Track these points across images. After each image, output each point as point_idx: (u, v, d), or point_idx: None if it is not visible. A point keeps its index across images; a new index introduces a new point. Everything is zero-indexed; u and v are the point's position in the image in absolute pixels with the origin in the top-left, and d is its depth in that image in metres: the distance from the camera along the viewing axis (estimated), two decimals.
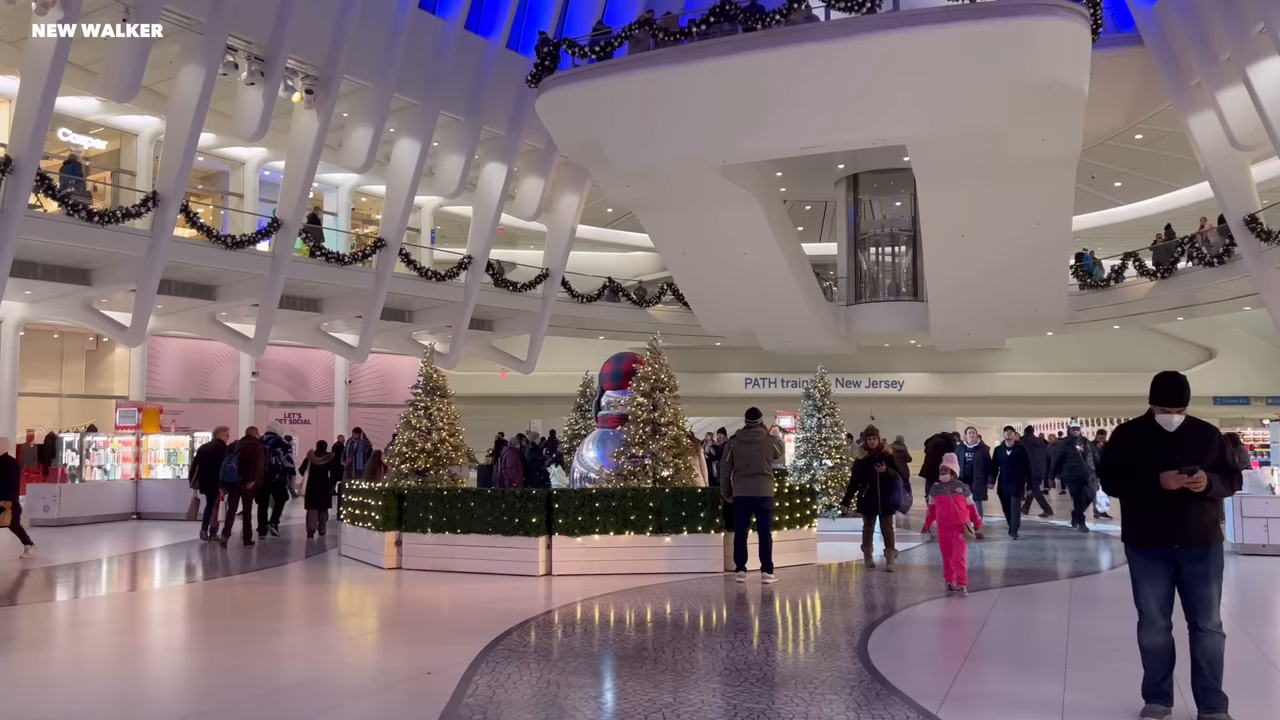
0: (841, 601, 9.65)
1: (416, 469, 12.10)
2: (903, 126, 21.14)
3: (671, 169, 23.31)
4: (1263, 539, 12.95)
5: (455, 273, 26.42)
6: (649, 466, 11.47)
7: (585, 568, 10.90)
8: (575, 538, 10.93)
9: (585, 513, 10.89)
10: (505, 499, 10.97)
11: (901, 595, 9.88)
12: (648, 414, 11.63)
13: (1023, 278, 26.06)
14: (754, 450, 10.82)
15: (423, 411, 12.41)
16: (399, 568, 11.57)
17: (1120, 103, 25.22)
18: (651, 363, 11.91)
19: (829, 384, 16.54)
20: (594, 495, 10.99)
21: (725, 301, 28.89)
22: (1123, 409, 37.85)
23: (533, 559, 10.85)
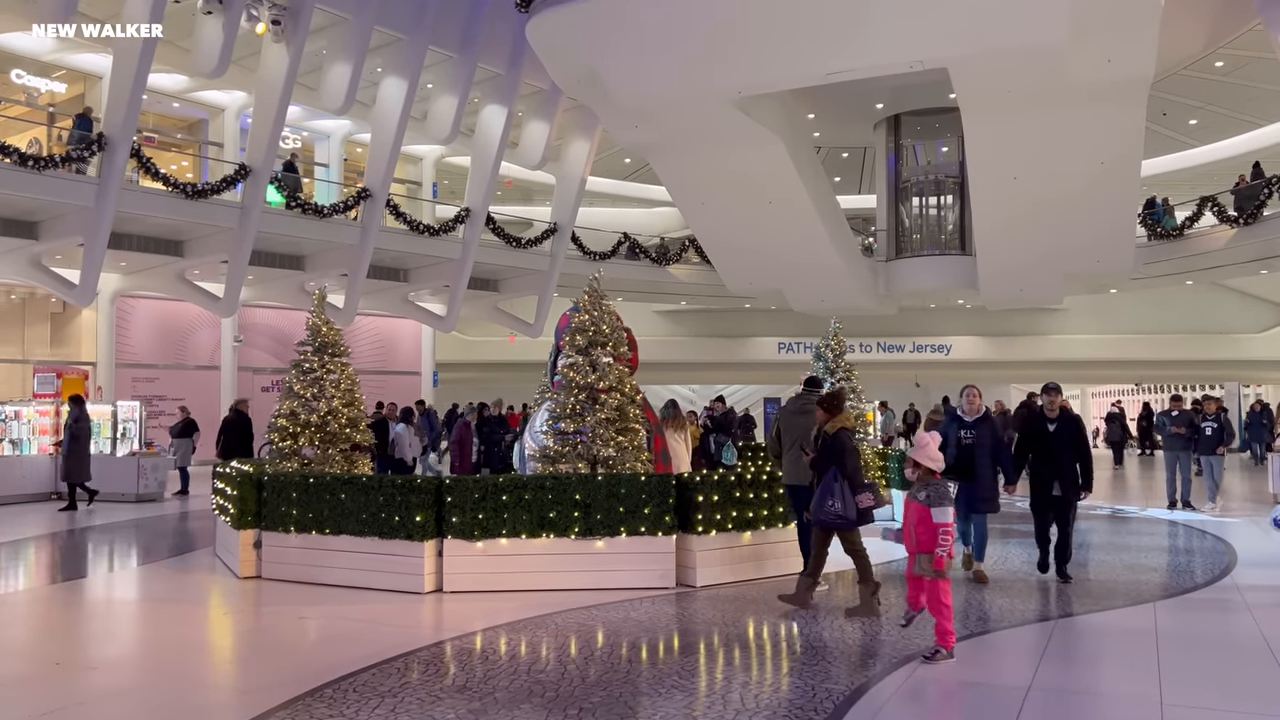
0: (831, 647, 6.54)
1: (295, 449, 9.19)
2: (944, 45, 17.62)
3: (682, 104, 20.06)
4: None
5: (452, 227, 23.51)
6: (583, 447, 8.42)
7: (487, 583, 7.92)
8: (474, 542, 7.93)
9: (487, 508, 7.88)
10: (384, 489, 8.00)
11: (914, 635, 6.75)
12: (584, 377, 8.56)
13: (1084, 226, 22.37)
14: (805, 426, 8.02)
15: (309, 376, 9.48)
16: (258, 576, 8.69)
17: (1199, 23, 21.27)
18: (588, 310, 8.83)
19: (843, 342, 13.25)
20: (500, 485, 7.96)
21: (750, 257, 25.60)
22: (1191, 374, 33.94)
23: (416, 570, 7.88)
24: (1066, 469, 8.46)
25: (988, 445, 8.58)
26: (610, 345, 8.76)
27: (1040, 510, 8.65)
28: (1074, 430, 8.55)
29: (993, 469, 8.61)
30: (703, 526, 8.16)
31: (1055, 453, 8.48)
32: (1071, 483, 8.46)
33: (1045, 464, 8.49)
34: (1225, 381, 32.52)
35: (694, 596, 7.93)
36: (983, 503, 8.60)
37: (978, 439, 8.59)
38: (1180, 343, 31.30)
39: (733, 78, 19.01)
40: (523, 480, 8.04)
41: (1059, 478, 8.42)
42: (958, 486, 8.21)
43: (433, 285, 24.69)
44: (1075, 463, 8.50)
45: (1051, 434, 8.48)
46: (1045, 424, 8.56)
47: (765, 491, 8.61)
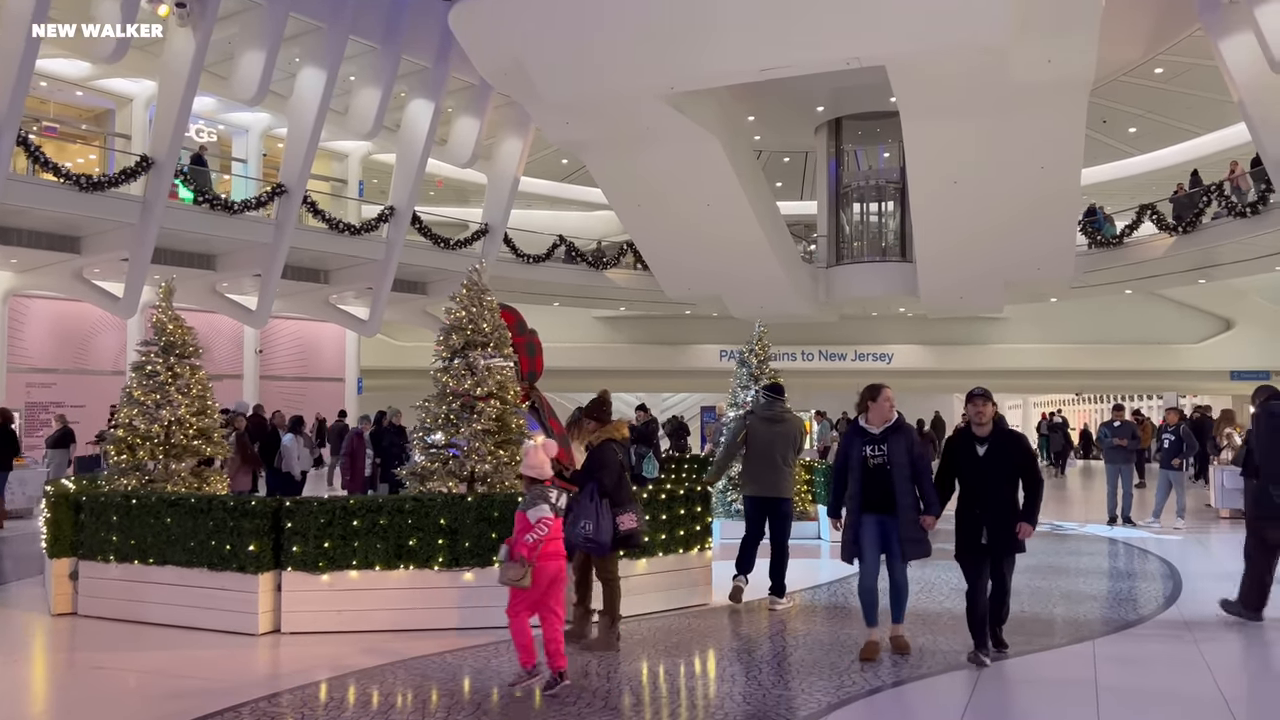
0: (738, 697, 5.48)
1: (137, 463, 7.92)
2: (882, 43, 16.79)
3: (613, 99, 19.03)
4: None
5: (375, 226, 22.20)
6: (455, 463, 7.28)
7: (333, 623, 6.73)
8: (318, 574, 6.75)
9: (334, 535, 6.71)
10: (214, 512, 6.78)
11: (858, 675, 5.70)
12: (458, 383, 7.42)
13: (1024, 233, 21.71)
14: (777, 434, 8.00)
15: (153, 380, 8.22)
16: (72, 613, 7.41)
17: (1139, 28, 20.73)
18: (467, 305, 7.70)
19: (768, 347, 12.28)
20: (350, 509, 6.79)
21: (688, 262, 24.63)
22: (1129, 385, 33.57)
23: (248, 608, 6.67)
24: (1001, 507, 6.03)
25: (905, 463, 6.18)
26: (491, 346, 7.63)
27: (970, 563, 6.14)
28: (1014, 453, 6.07)
29: (915, 496, 6.20)
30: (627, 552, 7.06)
31: (986, 485, 6.03)
32: (1006, 525, 6.00)
33: (973, 500, 6.08)
34: (1164, 392, 32.20)
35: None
36: (908, 545, 6.17)
37: (891, 456, 6.19)
38: (1120, 353, 30.89)
39: (664, 72, 18.01)
40: (377, 503, 6.87)
41: (990, 520, 6.00)
42: (871, 523, 6.16)
43: (356, 287, 23.35)
44: (1014, 497, 6.12)
45: (981, 458, 6.06)
46: (973, 444, 6.13)
47: (664, 512, 7.53)
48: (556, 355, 31.09)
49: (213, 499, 6.86)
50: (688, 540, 7.71)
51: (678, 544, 7.60)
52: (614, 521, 6.26)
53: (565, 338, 31.49)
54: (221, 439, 8.46)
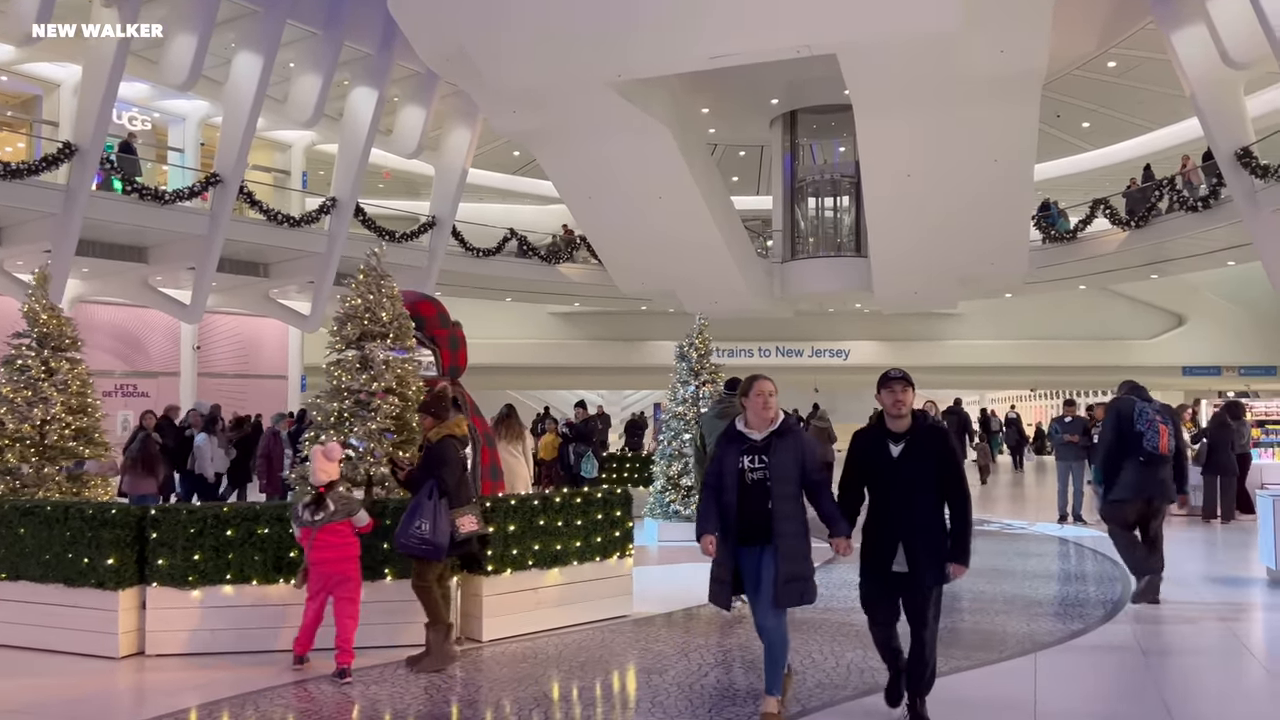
0: None
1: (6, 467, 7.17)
2: (834, 30, 16.29)
3: (560, 87, 18.35)
4: None
5: (316, 218, 21.37)
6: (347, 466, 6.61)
7: (204, 643, 6.05)
8: (188, 590, 6.06)
9: (206, 546, 6.02)
10: (71, 521, 6.07)
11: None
12: (351, 377, 6.75)
13: (977, 227, 21.33)
14: None
15: (24, 375, 7.47)
16: None
17: (1092, 20, 20.41)
18: (363, 291, 7.03)
19: (708, 341, 11.70)
20: (223, 518, 6.11)
21: (641, 256, 24.00)
22: (1084, 380, 33.41)
23: (108, 628, 5.96)
24: (920, 524, 4.58)
25: (791, 477, 4.67)
26: (392, 337, 6.97)
27: (873, 601, 4.79)
28: (937, 452, 4.64)
29: (800, 521, 4.69)
30: (494, 564, 6.42)
31: (902, 495, 4.61)
32: (927, 549, 4.57)
33: (883, 515, 4.67)
34: (1116, 388, 32.05)
35: (478, 656, 6.19)
36: (785, 587, 4.57)
37: (773, 469, 4.66)
38: (1074, 348, 30.74)
39: (611, 59, 17.38)
40: (254, 510, 6.19)
41: (906, 541, 4.58)
42: (752, 557, 4.70)
43: (297, 281, 22.49)
44: (938, 512, 4.64)
45: (896, 460, 4.63)
46: (885, 442, 4.68)
47: (579, 517, 6.91)
48: (511, 352, 30.63)
49: (69, 506, 6.13)
50: (605, 547, 7.09)
51: (594, 551, 6.97)
52: (452, 524, 5.66)
53: (520, 334, 30.83)
54: (103, 440, 7.69)
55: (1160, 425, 7.69)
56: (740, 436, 4.81)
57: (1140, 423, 7.73)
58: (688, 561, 9.76)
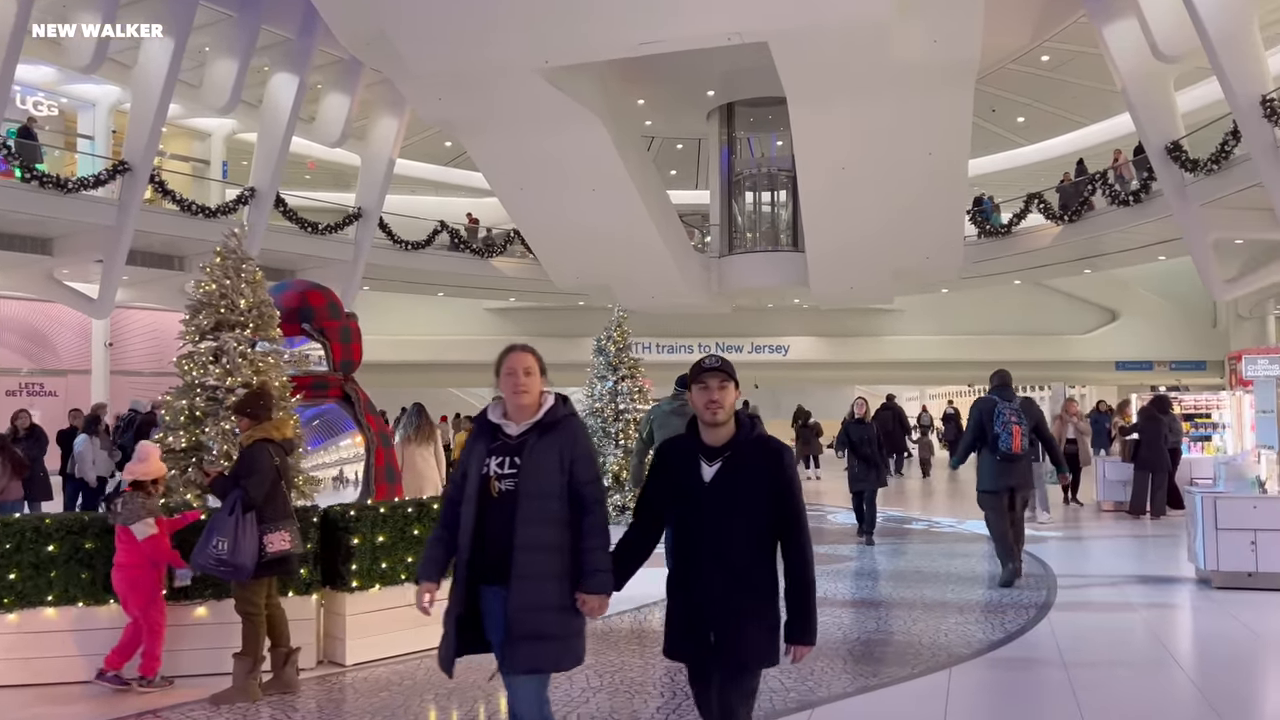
0: None
1: None
2: (764, 17, 15.78)
3: (487, 74, 17.61)
4: (1248, 564, 7.89)
5: (234, 209, 20.38)
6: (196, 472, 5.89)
7: (20, 674, 5.26)
8: (4, 614, 5.28)
9: (25, 564, 5.22)
10: None
11: None
12: (204, 370, 6.02)
13: (913, 221, 21.01)
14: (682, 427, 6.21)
15: None
16: None
17: (1025, 13, 20.16)
18: (219, 276, 6.30)
19: (627, 334, 11.13)
20: (46, 529, 5.30)
21: (576, 250, 23.34)
22: (1020, 375, 33.42)
23: None
24: (737, 580, 3.20)
25: (550, 491, 3.32)
26: (252, 328, 6.25)
27: (692, 681, 3.40)
28: (768, 475, 3.24)
29: (561, 552, 3.30)
30: (360, 580, 5.73)
31: (711, 537, 3.21)
32: (748, 618, 3.20)
33: (689, 565, 3.27)
34: (1052, 382, 32.16)
35: (338, 682, 5.50)
36: (519, 648, 3.25)
37: (524, 478, 3.32)
38: (1011, 343, 30.61)
39: (538, 45, 16.71)
40: (82, 522, 5.42)
41: (714, 602, 3.20)
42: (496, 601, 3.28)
43: None
44: (765, 563, 3.24)
45: (708, 486, 3.23)
46: (696, 460, 3.28)
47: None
48: (446, 348, 29.71)
49: None
50: None
51: None
52: (260, 541, 4.97)
53: (454, 330, 29.99)
54: None
55: (1014, 426, 8.14)
56: (490, 430, 3.41)
57: (997, 424, 8.16)
58: None
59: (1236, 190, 16.64)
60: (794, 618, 3.23)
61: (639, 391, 11.01)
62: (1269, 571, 7.75)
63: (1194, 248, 18.52)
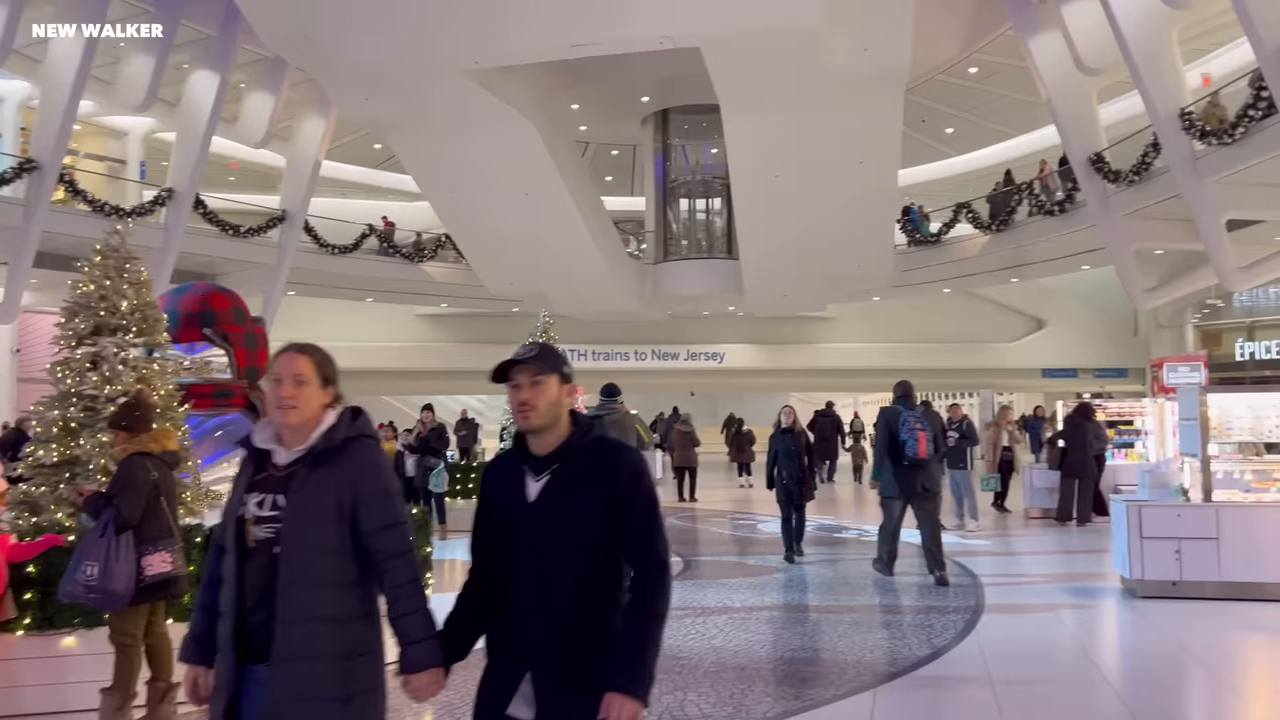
0: None
1: None
2: (695, 21, 15.59)
3: (415, 74, 17.13)
4: (1172, 573, 7.83)
5: (150, 210, 19.55)
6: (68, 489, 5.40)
7: None
8: None
9: None
10: None
11: None
12: (80, 378, 5.54)
13: (844, 229, 21.01)
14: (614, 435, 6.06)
15: None
16: None
17: (953, 25, 20.32)
18: (99, 277, 5.81)
19: (552, 338, 10.79)
20: None
21: (508, 255, 22.90)
22: (950, 383, 33.85)
23: None
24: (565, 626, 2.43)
25: (328, 544, 2.49)
26: (135, 332, 5.77)
27: None
28: (606, 486, 2.48)
29: (335, 622, 2.48)
30: None
31: (533, 573, 2.46)
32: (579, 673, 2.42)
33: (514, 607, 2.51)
34: (981, 389, 32.58)
35: None
36: None
37: (290, 521, 2.49)
38: (941, 351, 30.99)
39: (467, 45, 16.29)
40: None
41: (535, 658, 2.45)
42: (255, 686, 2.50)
43: None
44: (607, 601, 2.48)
45: (531, 507, 2.51)
46: (519, 475, 2.55)
47: None
48: (375, 355, 29.02)
49: None
50: None
51: None
52: (138, 564, 4.52)
53: (385, 336, 29.32)
54: None
55: (920, 433, 8.42)
56: (256, 458, 2.59)
57: (904, 431, 8.44)
58: None
59: (1156, 201, 16.90)
60: (619, 660, 2.38)
61: None
62: (1192, 580, 7.70)
63: (1116, 257, 18.79)
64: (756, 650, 6.27)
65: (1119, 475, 13.07)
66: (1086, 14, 16.71)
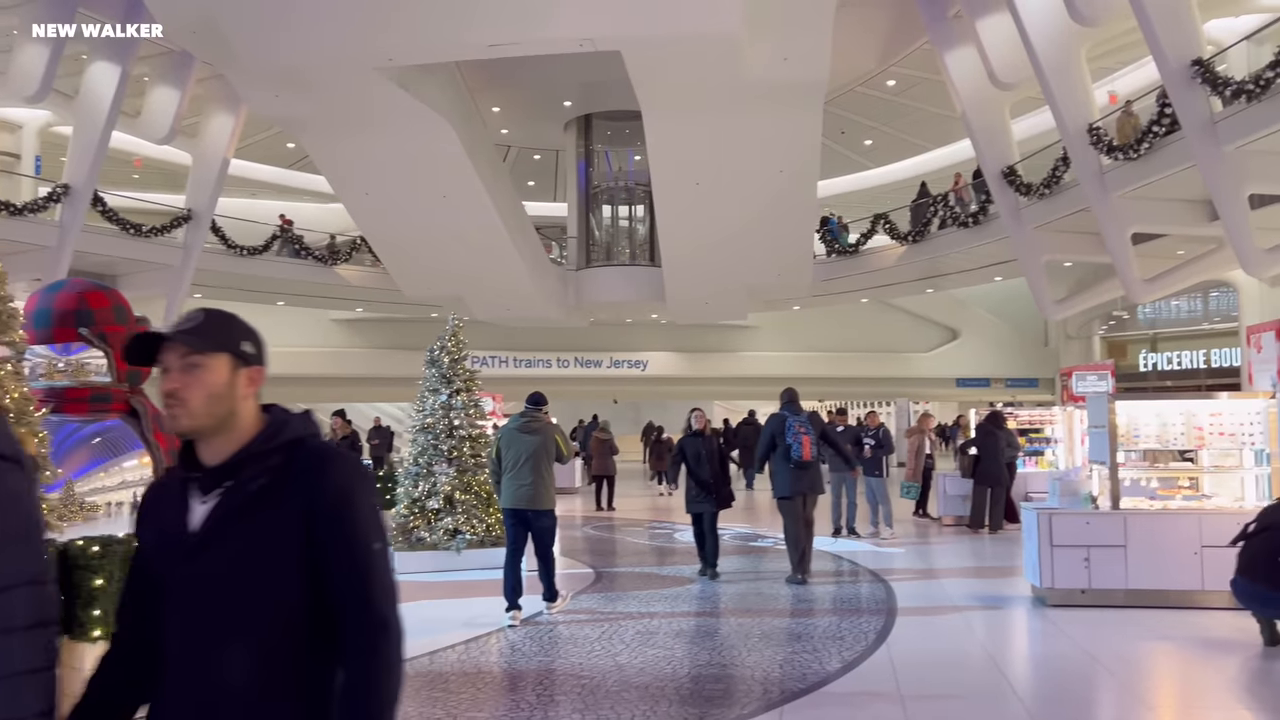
0: None
1: None
2: (615, 23, 15.33)
3: (327, 70, 16.49)
4: (1081, 581, 7.79)
5: (44, 206, 18.52)
6: None
7: None
8: None
9: None
10: None
11: None
12: None
13: (765, 238, 21.03)
14: (532, 444, 7.50)
15: None
16: None
17: (872, 38, 20.53)
18: None
19: (463, 343, 10.40)
20: None
21: (426, 258, 22.34)
22: (868, 391, 34.26)
23: None
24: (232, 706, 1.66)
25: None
26: None
27: None
28: (303, 507, 1.70)
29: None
30: (104, 628, 4.81)
31: (191, 634, 1.72)
32: None
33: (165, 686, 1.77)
34: (897, 398, 33.00)
35: None
36: None
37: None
38: (859, 360, 31.30)
39: (380, 41, 15.75)
40: None
41: None
42: None
43: (23, 278, 19.40)
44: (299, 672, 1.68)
45: (194, 539, 1.74)
46: (183, 497, 1.80)
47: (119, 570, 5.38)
48: (287, 361, 28.03)
49: None
50: None
51: None
52: None
53: (297, 341, 28.37)
54: None
55: (804, 437, 8.86)
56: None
57: (789, 435, 8.87)
58: (424, 598, 8.36)
59: (1066, 214, 17.20)
60: None
61: (475, 406, 10.26)
62: (1101, 589, 7.67)
63: (1027, 269, 19.09)
64: (663, 667, 5.98)
65: (1030, 483, 13.17)
66: (1000, 29, 16.96)
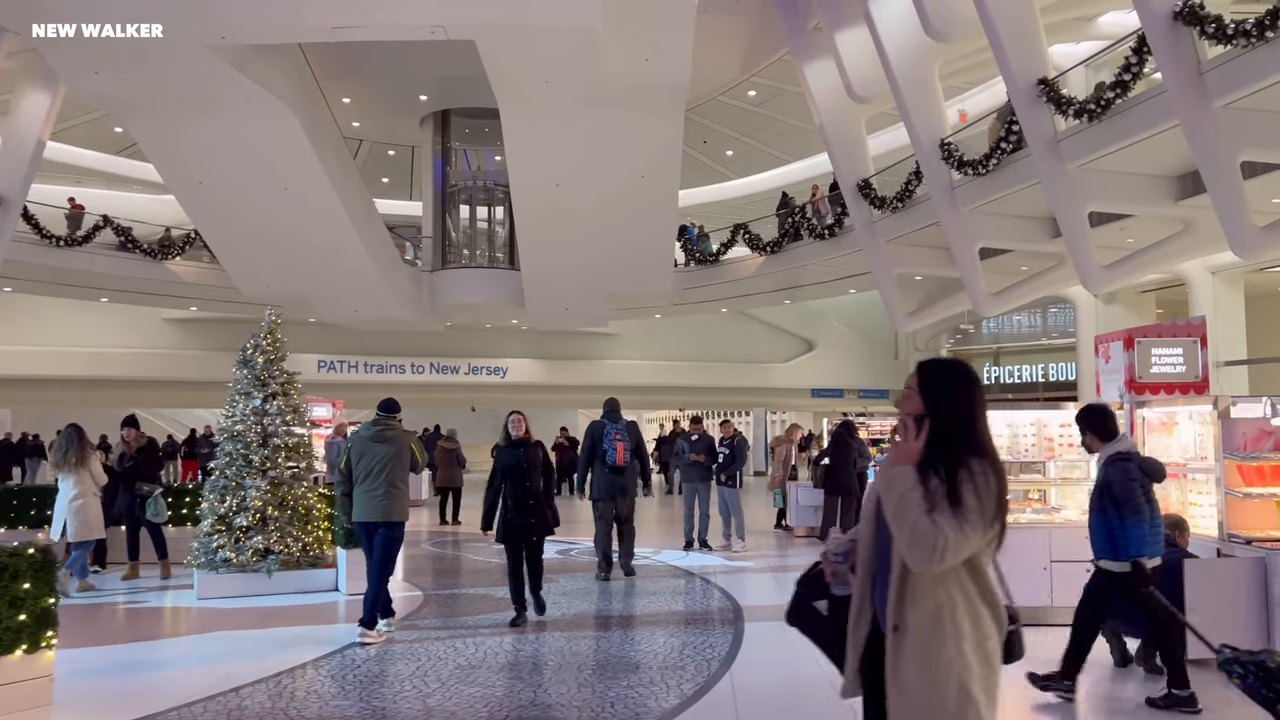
0: None
1: None
2: (468, 10, 14.52)
3: (152, 48, 14.99)
4: (1043, 597, 7.37)
5: None
6: None
7: None
8: None
9: None
10: None
11: None
12: None
13: (625, 244, 20.57)
14: (386, 454, 7.06)
15: None
16: None
17: (733, 46, 20.37)
18: None
19: (281, 342, 9.38)
20: None
21: (265, 255, 20.85)
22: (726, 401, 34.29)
23: None
24: None
25: None
26: None
27: None
28: None
29: None
30: None
31: None
32: None
33: None
34: (755, 408, 33.13)
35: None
36: None
37: None
38: (718, 370, 31.28)
39: (213, 18, 14.44)
40: None
41: None
42: None
43: None
44: None
45: None
46: None
47: None
48: (114, 363, 25.77)
49: None
50: (14, 637, 4.59)
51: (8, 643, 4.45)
52: None
53: (126, 342, 26.23)
54: None
55: (619, 443, 9.45)
56: None
57: (605, 442, 9.45)
58: (221, 627, 7.35)
59: (917, 228, 17.35)
60: None
61: (294, 412, 9.23)
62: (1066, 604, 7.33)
63: (880, 281, 19.22)
64: (478, 710, 5.24)
65: None
66: (858, 43, 16.98)
